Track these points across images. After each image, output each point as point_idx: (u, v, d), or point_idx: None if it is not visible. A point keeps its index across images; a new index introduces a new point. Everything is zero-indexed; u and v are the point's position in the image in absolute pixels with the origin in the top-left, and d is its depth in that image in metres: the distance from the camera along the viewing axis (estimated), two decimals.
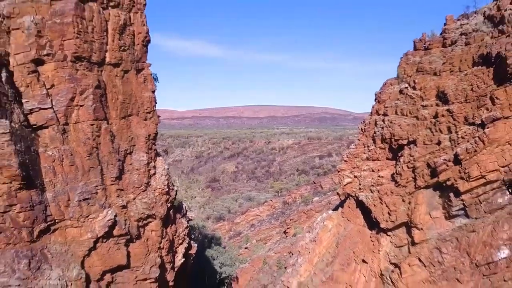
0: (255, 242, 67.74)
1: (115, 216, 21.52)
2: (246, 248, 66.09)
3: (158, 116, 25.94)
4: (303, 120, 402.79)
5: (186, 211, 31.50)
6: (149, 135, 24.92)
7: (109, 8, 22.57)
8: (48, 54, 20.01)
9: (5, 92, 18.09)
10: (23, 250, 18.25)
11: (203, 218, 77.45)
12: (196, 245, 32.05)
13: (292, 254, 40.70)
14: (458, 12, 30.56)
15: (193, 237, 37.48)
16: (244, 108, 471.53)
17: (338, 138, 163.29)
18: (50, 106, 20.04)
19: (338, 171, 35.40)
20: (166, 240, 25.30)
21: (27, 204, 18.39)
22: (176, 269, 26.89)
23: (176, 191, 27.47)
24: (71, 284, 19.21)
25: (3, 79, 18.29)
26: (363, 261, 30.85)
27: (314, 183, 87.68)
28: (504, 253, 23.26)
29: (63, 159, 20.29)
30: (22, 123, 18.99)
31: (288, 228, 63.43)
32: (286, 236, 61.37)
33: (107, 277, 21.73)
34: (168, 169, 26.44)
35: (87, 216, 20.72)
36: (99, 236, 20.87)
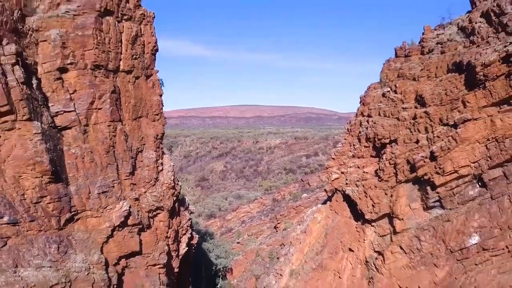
0: (247, 237, 69.29)
1: (130, 207, 23.89)
2: (238, 242, 67.69)
3: (165, 118, 28.37)
4: (289, 120, 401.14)
5: (188, 204, 33.86)
6: (157, 135, 27.36)
7: (123, 21, 24.98)
8: (71, 63, 22.41)
9: (36, 97, 20.45)
10: (53, 236, 20.61)
11: (195, 215, 79.05)
12: (197, 236, 34.35)
13: (284, 246, 42.91)
14: (435, 22, 32.96)
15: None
16: (230, 108, 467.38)
17: (324, 137, 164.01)
18: (73, 109, 22.42)
19: (327, 168, 37.75)
20: (172, 230, 27.68)
21: (55, 196, 20.76)
22: (180, 257, 29.22)
23: (180, 186, 29.85)
24: (93, 267, 21.53)
25: (34, 86, 20.64)
26: (350, 249, 33.05)
27: (302, 181, 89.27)
28: (475, 239, 25.41)
29: (84, 156, 22.65)
30: (50, 124, 21.33)
31: (279, 223, 65.00)
32: (277, 231, 62.99)
33: (122, 262, 24.09)
34: (174, 165, 28.86)
35: (105, 207, 23.10)
36: (116, 225, 23.24)
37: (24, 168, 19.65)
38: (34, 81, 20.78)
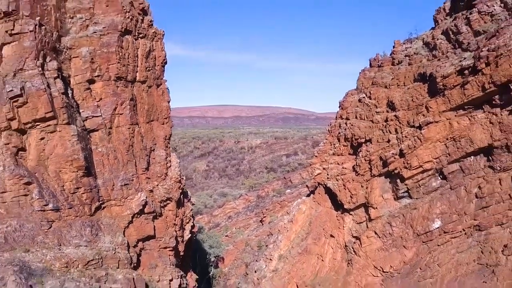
0: (235, 230, 72.48)
1: (146, 197, 27.74)
2: (226, 236, 70.47)
3: (172, 121, 32.33)
4: (267, 120, 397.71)
5: (190, 197, 37.69)
6: (166, 136, 31.28)
7: (139, 38, 28.90)
8: (98, 75, 26.31)
9: (72, 104, 24.40)
10: (86, 221, 24.46)
11: None
12: (198, 224, 38.12)
13: (272, 235, 45.92)
14: (404, 36, 36.59)
15: None
16: (209, 108, 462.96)
17: (303, 137, 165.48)
18: (100, 114, 26.32)
19: (310, 165, 40.72)
20: (179, 219, 31.43)
21: (88, 187, 24.64)
22: (184, 242, 33.02)
23: (185, 180, 33.76)
24: (118, 247, 25.26)
25: (70, 95, 24.59)
26: (331, 235, 35.70)
27: (285, 178, 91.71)
28: (437, 223, 28.16)
29: (109, 154, 26.54)
30: (82, 127, 25.22)
31: (264, 217, 67.96)
32: (262, 224, 66.09)
33: (140, 244, 27.85)
34: (180, 162, 32.76)
35: (126, 197, 26.91)
36: (135, 212, 26.97)
37: (64, 164, 23.50)
38: (69, 91, 24.67)
